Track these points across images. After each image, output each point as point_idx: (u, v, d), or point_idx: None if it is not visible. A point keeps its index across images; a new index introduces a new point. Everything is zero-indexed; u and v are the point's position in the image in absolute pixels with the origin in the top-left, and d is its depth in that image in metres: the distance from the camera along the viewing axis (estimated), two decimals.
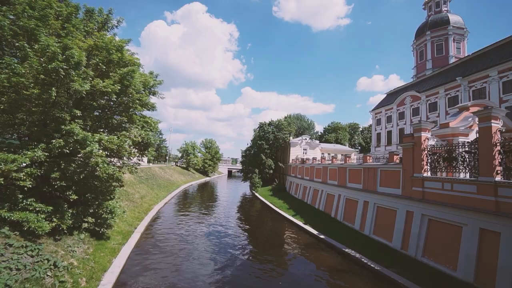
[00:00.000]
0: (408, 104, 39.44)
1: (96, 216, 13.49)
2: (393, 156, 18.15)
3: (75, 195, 11.91)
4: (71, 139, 10.70)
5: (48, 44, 10.08)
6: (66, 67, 10.39)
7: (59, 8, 12.34)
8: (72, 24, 12.30)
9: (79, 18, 13.54)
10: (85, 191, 12.81)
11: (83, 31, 12.99)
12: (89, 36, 13.24)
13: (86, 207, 12.90)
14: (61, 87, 11.13)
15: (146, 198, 28.51)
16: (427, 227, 13.68)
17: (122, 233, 16.26)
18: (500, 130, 11.41)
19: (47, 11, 11.47)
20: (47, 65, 10.10)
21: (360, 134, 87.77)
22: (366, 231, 18.30)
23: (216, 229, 21.56)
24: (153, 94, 16.00)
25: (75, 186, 12.24)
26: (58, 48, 10.31)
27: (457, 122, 16.26)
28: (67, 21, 12.47)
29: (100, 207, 13.50)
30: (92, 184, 12.73)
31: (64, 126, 10.84)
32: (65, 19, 12.55)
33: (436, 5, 44.99)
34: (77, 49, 10.96)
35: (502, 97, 25.47)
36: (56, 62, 10.09)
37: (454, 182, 12.52)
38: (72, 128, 10.61)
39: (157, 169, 48.38)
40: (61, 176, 11.03)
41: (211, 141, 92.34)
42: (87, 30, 13.48)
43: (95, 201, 13.32)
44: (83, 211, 12.70)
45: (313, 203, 30.11)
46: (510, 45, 26.60)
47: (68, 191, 12.04)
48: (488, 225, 10.64)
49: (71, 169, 11.16)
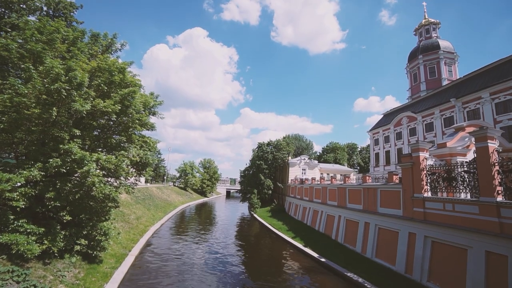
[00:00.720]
0: (405, 124, 40.01)
1: (89, 238, 13.03)
2: (392, 176, 18.05)
3: (69, 216, 11.60)
4: (69, 158, 10.65)
5: (53, 66, 10.39)
6: (69, 88, 10.63)
7: (66, 32, 12.90)
8: (77, 47, 12.78)
9: (85, 42, 14.10)
10: (80, 212, 12.50)
11: (87, 53, 13.48)
12: (93, 59, 13.71)
13: (79, 228, 12.52)
14: (62, 107, 11.30)
15: (142, 219, 27.77)
16: (431, 249, 13.24)
17: (116, 256, 15.61)
18: (497, 150, 11.48)
19: (55, 36, 11.97)
20: (50, 86, 10.33)
21: (358, 154, 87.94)
22: (368, 254, 17.67)
23: (214, 253, 20.77)
24: (153, 114, 16.23)
25: (70, 207, 11.97)
26: (62, 70, 10.62)
27: (454, 142, 16.39)
28: (73, 45, 12.97)
29: (94, 228, 13.10)
30: (87, 205, 12.46)
31: (62, 145, 10.85)
32: (71, 42, 13.06)
33: (426, 31, 47.37)
34: (80, 71, 11.29)
35: (496, 118, 25.95)
36: (59, 83, 10.34)
37: (456, 202, 12.34)
38: (71, 147, 10.60)
39: (154, 189, 47.65)
40: (56, 196, 10.82)
41: (209, 161, 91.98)
42: (91, 53, 13.98)
43: (89, 222, 12.97)
44: (76, 233, 12.31)
45: (313, 224, 29.36)
46: (499, 69, 27.62)
47: (62, 211, 11.75)
48: (494, 248, 10.31)
49: (67, 189, 10.98)
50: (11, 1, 17.49)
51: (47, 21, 12.57)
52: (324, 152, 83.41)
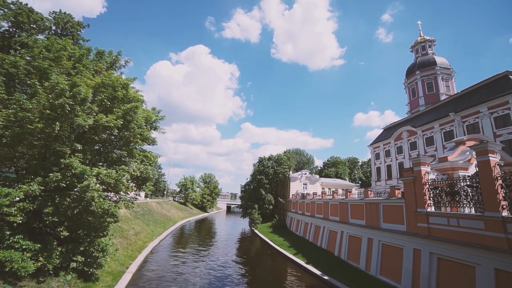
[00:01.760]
0: (405, 138, 40.08)
1: (86, 254, 12.72)
2: (394, 190, 17.82)
3: (66, 232, 11.41)
4: (69, 172, 10.65)
5: (58, 82, 10.65)
6: (72, 103, 10.82)
7: (73, 50, 13.34)
8: (82, 64, 13.17)
9: (90, 59, 14.53)
10: (78, 227, 12.31)
11: (92, 70, 13.85)
12: (97, 75, 14.07)
13: (76, 244, 12.26)
14: (65, 121, 11.45)
15: (140, 234, 27.20)
16: (437, 266, 12.82)
17: (113, 274, 15.15)
18: (499, 164, 11.42)
19: (61, 53, 12.37)
20: (54, 101, 10.53)
21: (359, 168, 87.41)
22: (372, 271, 17.09)
23: (214, 271, 20.14)
24: (155, 129, 16.37)
25: (68, 222, 11.80)
26: (67, 86, 10.87)
27: (455, 156, 16.33)
28: (79, 61, 13.37)
29: (91, 244, 12.82)
30: (85, 220, 12.30)
31: (63, 160, 10.88)
32: (77, 59, 13.47)
33: (422, 48, 48.65)
34: (85, 86, 11.55)
35: (496, 132, 26.01)
36: (63, 98, 10.54)
37: (460, 217, 12.10)
38: (71, 162, 10.63)
39: (154, 204, 47.05)
40: (54, 211, 10.70)
41: (210, 176, 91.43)
42: (96, 69, 14.36)
43: (87, 238, 12.71)
44: (73, 249, 12.04)
45: (315, 240, 28.64)
46: (496, 83, 28.06)
47: (59, 227, 11.58)
48: (503, 265, 9.96)
49: (66, 204, 10.88)
50: (22, 22, 18.24)
51: (55, 39, 13.04)
52: (325, 167, 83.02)
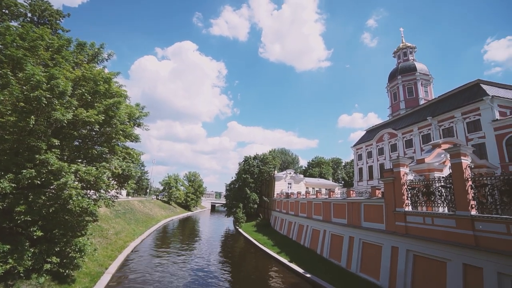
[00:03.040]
0: (386, 140, 41.63)
1: (62, 255, 12.15)
2: (375, 190, 18.48)
3: (40, 232, 10.83)
4: (45, 169, 10.12)
5: (34, 73, 10.07)
6: (50, 96, 10.28)
7: (51, 40, 12.65)
8: (61, 56, 12.52)
9: (70, 50, 13.84)
10: (53, 227, 11.72)
11: (72, 62, 13.21)
12: (77, 67, 13.44)
13: (51, 245, 11.67)
14: (41, 115, 10.87)
15: (121, 234, 26.37)
16: (413, 263, 13.47)
17: (91, 275, 14.59)
18: (470, 166, 12.16)
19: (38, 42, 11.70)
20: (29, 93, 9.95)
21: (343, 168, 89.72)
22: (353, 269, 17.65)
23: (197, 270, 19.93)
24: (138, 126, 15.92)
25: (42, 221, 11.21)
26: (44, 77, 10.31)
27: (432, 158, 17.20)
28: (57, 53, 12.70)
29: (68, 244, 12.26)
30: (62, 219, 11.74)
31: (38, 156, 10.32)
32: (55, 50, 12.79)
33: (404, 54, 50.72)
34: (64, 79, 11.00)
35: (468, 136, 27.67)
36: (39, 91, 9.99)
37: (435, 216, 12.77)
38: (48, 158, 10.10)
39: (136, 203, 45.79)
40: (27, 210, 10.14)
41: (194, 174, 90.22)
42: (76, 62, 13.71)
43: (63, 238, 12.13)
44: (47, 250, 11.45)
45: (298, 239, 29.11)
46: (469, 91, 29.83)
47: (32, 226, 10.96)
48: (471, 260, 10.65)
49: (40, 202, 10.34)
50: None
51: (31, 28, 12.31)
52: (309, 167, 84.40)
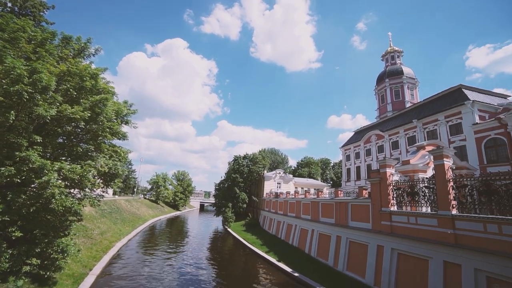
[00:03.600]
0: (374, 142, 42.64)
1: (43, 256, 11.70)
2: (362, 190, 18.89)
3: (19, 232, 10.39)
4: (25, 167, 9.72)
5: (14, 66, 9.65)
6: (32, 91, 9.88)
7: (34, 32, 12.15)
8: (45, 49, 12.03)
9: (55, 44, 13.34)
10: (34, 227, 11.27)
11: (56, 56, 12.73)
12: (62, 62, 12.97)
13: (31, 246, 11.21)
14: (22, 110, 10.44)
15: (107, 234, 25.71)
16: (397, 261, 13.88)
17: (74, 277, 14.14)
18: (451, 168, 12.66)
19: (19, 34, 11.21)
20: (8, 88, 9.53)
21: (331, 169, 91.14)
22: (339, 267, 17.98)
23: (184, 271, 19.72)
24: (126, 123, 15.55)
25: (22, 221, 10.76)
26: (25, 71, 9.89)
27: (416, 159, 17.76)
28: (41, 46, 12.21)
29: (49, 245, 11.81)
30: (43, 219, 11.31)
31: (19, 153, 9.89)
32: (38, 43, 12.29)
33: (392, 58, 52.12)
34: (47, 74, 10.60)
35: (450, 139, 28.79)
36: (20, 85, 9.59)
37: (418, 216, 13.21)
38: (29, 155, 9.71)
39: (122, 202, 44.77)
40: (5, 209, 9.72)
41: (183, 173, 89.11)
42: (61, 56, 13.23)
43: (45, 239, 11.68)
44: (27, 251, 11.00)
45: (286, 238, 29.35)
46: (451, 95, 31.04)
47: (11, 226, 10.50)
48: (450, 258, 11.11)
49: (20, 201, 9.92)
50: None
51: (11, 18, 11.77)
52: (299, 167, 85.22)
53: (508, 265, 9.07)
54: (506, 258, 9.14)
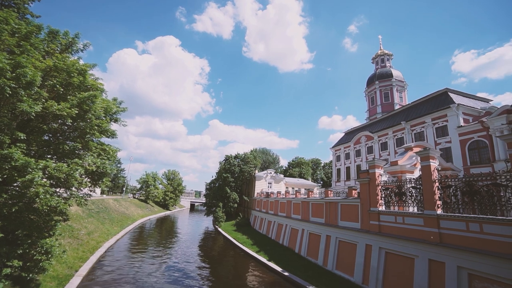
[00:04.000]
0: (363, 143, 43.40)
1: (25, 258, 11.28)
2: (351, 191, 19.20)
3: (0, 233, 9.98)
4: (7, 165, 9.35)
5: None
6: (15, 86, 9.52)
7: (18, 25, 11.69)
8: (30, 43, 11.60)
9: (40, 38, 12.87)
10: (16, 227, 10.87)
11: (42, 51, 12.30)
12: (49, 57, 12.55)
13: (13, 247, 10.79)
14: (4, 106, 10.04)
15: (94, 234, 25.10)
16: (385, 260, 14.19)
17: (58, 278, 13.75)
18: (437, 169, 13.04)
19: (1, 26, 10.78)
20: None
21: (322, 169, 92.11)
22: (329, 267, 18.23)
23: (174, 271, 19.49)
24: (115, 121, 15.21)
25: (3, 221, 10.34)
26: (8, 65, 9.52)
27: (404, 160, 18.21)
28: (25, 39, 11.76)
29: (32, 246, 11.40)
30: (26, 219, 10.91)
31: (0, 150, 9.50)
32: (23, 36, 11.83)
33: (381, 61, 53.18)
34: (32, 68, 10.23)
35: (436, 140, 29.67)
36: (2, 80, 9.22)
37: (405, 215, 13.55)
38: (11, 153, 9.35)
39: (111, 201, 43.84)
40: None
41: (174, 173, 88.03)
42: (47, 51, 12.79)
43: (28, 239, 11.26)
44: (8, 253, 10.56)
45: (277, 238, 29.49)
46: (438, 98, 31.98)
47: None
48: (435, 256, 11.46)
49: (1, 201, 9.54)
50: None
51: None
52: (289, 167, 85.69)
53: (488, 262, 9.45)
54: (486, 255, 9.51)
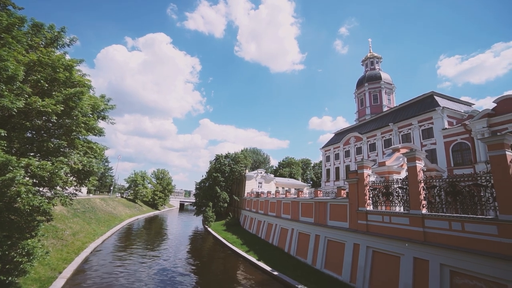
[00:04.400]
0: (353, 143, 44.16)
1: (4, 260, 10.81)
2: (340, 191, 19.50)
3: None
4: None
5: None
6: None
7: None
8: (12, 36, 11.13)
9: (23, 31, 12.37)
10: None
11: (25, 44, 11.83)
12: (32, 51, 12.08)
13: None
14: None
15: (79, 234, 24.40)
16: (372, 258, 14.51)
17: (40, 281, 13.29)
18: (423, 169, 13.44)
19: None
20: None
21: (311, 169, 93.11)
22: (318, 265, 18.45)
23: (163, 271, 19.22)
24: (103, 119, 14.82)
25: None
26: None
27: (391, 161, 18.67)
28: (7, 32, 11.26)
29: (13, 248, 10.96)
30: (6, 219, 10.47)
31: None
32: (4, 29, 11.33)
33: (371, 63, 54.27)
34: (14, 62, 9.83)
35: (422, 142, 30.57)
36: None
37: (392, 215, 13.90)
38: None
39: (98, 201, 42.75)
40: None
41: (163, 172, 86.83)
42: (31, 44, 12.31)
43: (7, 241, 10.80)
44: None
45: (267, 238, 29.59)
46: (424, 101, 32.98)
47: None
48: (420, 254, 11.82)
49: None
50: None
51: None
52: (280, 167, 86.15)
53: (469, 259, 9.85)
54: (466, 253, 9.90)
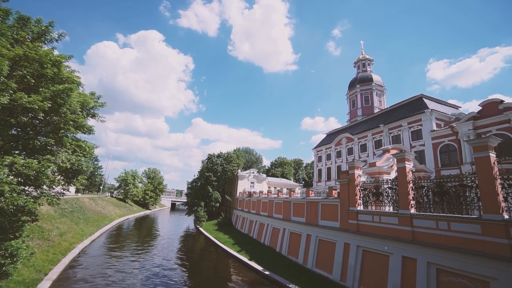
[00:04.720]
0: (344, 144, 44.75)
1: None
2: (332, 191, 19.72)
3: None
4: None
5: None
6: None
7: None
8: None
9: (8, 24, 11.95)
10: None
11: (10, 38, 11.43)
12: (18, 45, 11.69)
13: None
14: None
15: (67, 235, 23.79)
16: (362, 258, 14.73)
17: (24, 283, 12.88)
18: (412, 170, 13.74)
19: None
20: None
21: (303, 169, 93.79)
22: (309, 265, 18.60)
23: (153, 272, 18.97)
24: (92, 116, 14.49)
25: None
26: None
27: (382, 162, 19.00)
28: None
29: None
30: None
31: None
32: None
33: (363, 65, 55.09)
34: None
35: (412, 143, 31.28)
36: None
37: (382, 215, 14.15)
38: None
39: (86, 200, 41.81)
40: None
41: (154, 171, 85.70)
42: (16, 38, 11.91)
43: None
44: None
45: (259, 237, 29.63)
46: (414, 103, 33.74)
47: None
48: (408, 253, 12.08)
49: None
50: None
51: None
52: (272, 166, 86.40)
53: (454, 257, 10.14)
54: (452, 251, 10.19)
